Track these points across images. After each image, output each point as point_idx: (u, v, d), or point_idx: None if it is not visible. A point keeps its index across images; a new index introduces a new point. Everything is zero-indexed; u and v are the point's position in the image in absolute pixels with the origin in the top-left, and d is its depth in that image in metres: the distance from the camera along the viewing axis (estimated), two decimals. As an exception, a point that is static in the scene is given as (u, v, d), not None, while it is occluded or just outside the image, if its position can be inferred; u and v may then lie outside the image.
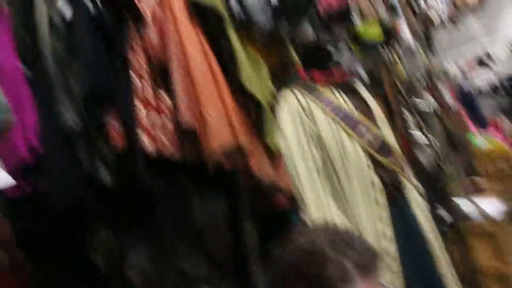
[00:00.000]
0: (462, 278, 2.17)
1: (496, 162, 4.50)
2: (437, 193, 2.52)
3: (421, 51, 4.69)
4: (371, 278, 0.93)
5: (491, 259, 2.58)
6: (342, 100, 1.92)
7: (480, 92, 7.42)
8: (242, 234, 2.04)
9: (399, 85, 2.66)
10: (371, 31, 2.37)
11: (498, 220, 2.64)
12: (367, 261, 0.94)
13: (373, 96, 2.09)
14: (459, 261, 2.38)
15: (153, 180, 1.84)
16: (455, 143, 3.93)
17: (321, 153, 1.86)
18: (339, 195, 1.86)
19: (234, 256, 2.11)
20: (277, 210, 1.94)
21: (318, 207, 1.81)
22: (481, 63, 7.33)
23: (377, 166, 1.90)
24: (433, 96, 3.92)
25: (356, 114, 1.93)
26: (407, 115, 2.51)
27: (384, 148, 1.94)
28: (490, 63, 7.25)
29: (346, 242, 0.95)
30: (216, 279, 2.23)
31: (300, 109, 1.86)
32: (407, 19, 4.59)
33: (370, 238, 1.82)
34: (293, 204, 1.87)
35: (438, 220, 2.39)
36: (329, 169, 1.87)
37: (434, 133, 3.20)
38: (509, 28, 7.22)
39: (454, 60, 7.20)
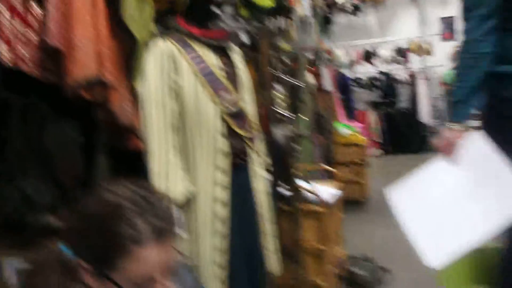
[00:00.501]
0: (286, 251, 2.34)
1: (350, 152, 4.86)
2: (283, 169, 2.64)
3: (315, 30, 4.83)
4: (165, 244, 0.95)
5: (314, 238, 2.83)
6: (212, 59, 1.90)
7: (357, 83, 7.94)
8: (93, 166, 2.01)
9: (278, 56, 2.71)
10: (263, -1, 2.39)
11: (328, 205, 2.87)
12: (163, 226, 0.95)
13: (247, 62, 2.10)
14: (287, 236, 2.56)
15: (6, 92, 1.73)
16: (321, 125, 4.15)
17: (178, 107, 1.84)
18: (185, 153, 1.87)
19: (82, 187, 2.08)
20: (130, 150, 1.93)
21: (162, 159, 1.80)
22: (367, 58, 7.80)
23: (228, 131, 1.91)
24: (313, 75, 4.08)
25: (221, 76, 1.91)
26: (277, 88, 2.57)
27: (239, 115, 1.95)
28: (375, 60, 7.76)
29: (149, 204, 0.95)
30: (60, 208, 2.18)
31: (168, 58, 1.81)
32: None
33: (205, 201, 1.89)
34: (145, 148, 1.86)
35: (276, 195, 2.54)
36: (182, 125, 1.86)
37: (302, 111, 3.35)
38: (397, 34, 7.83)
39: (345, 48, 7.59)
